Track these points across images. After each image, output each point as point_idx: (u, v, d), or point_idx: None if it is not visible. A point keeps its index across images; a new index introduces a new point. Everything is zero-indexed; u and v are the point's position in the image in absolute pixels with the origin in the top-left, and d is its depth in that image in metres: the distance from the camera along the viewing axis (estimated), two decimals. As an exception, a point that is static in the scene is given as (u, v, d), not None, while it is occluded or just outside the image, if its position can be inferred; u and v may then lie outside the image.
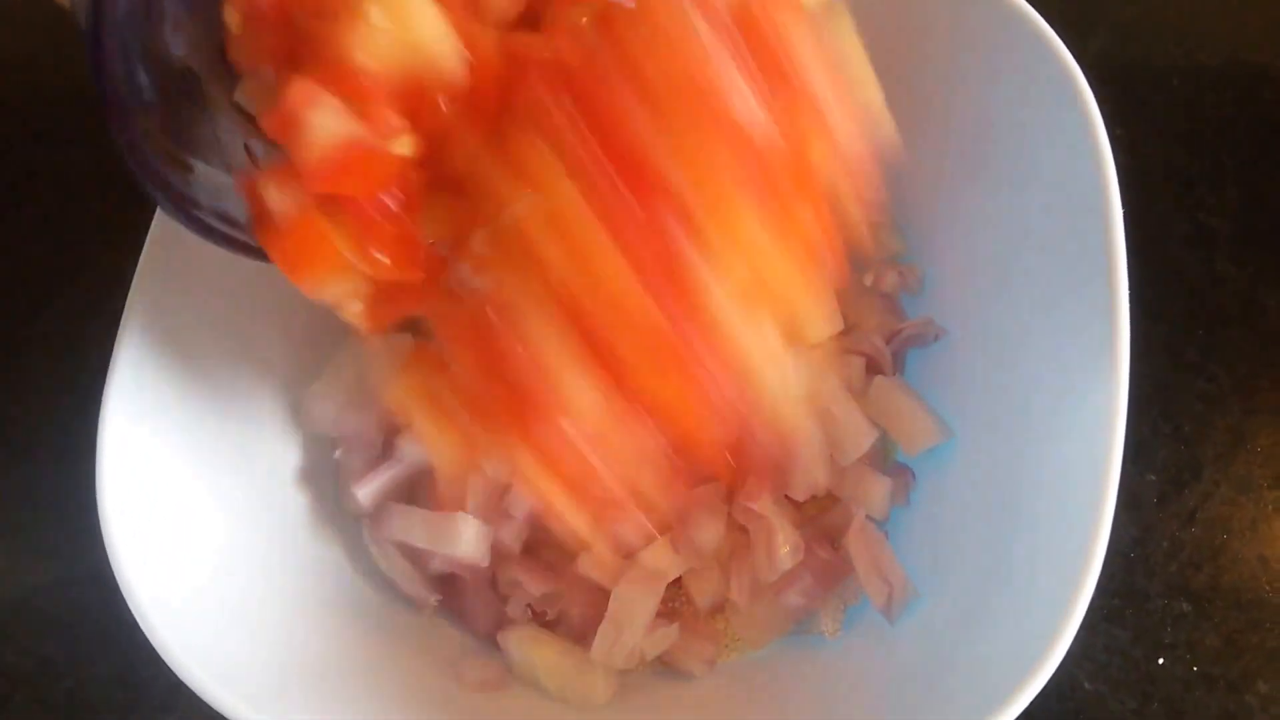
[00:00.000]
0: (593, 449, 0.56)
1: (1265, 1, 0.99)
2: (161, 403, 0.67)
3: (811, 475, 0.73)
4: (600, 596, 0.73)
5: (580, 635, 0.74)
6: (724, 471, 0.67)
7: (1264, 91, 0.96)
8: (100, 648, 0.81)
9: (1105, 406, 0.60)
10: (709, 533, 0.73)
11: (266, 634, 0.67)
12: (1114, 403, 0.60)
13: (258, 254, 0.59)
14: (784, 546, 0.72)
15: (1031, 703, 0.56)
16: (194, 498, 0.68)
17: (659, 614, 0.73)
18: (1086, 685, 0.78)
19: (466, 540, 0.72)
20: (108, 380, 0.64)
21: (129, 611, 0.60)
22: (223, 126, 0.59)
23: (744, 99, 0.51)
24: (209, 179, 0.58)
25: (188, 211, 0.57)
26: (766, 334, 0.56)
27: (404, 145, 0.53)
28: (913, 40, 0.76)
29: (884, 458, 0.78)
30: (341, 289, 0.56)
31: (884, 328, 0.79)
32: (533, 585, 0.74)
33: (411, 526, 0.74)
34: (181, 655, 0.59)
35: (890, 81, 0.78)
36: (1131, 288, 0.63)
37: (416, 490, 0.77)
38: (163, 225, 0.67)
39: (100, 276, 0.68)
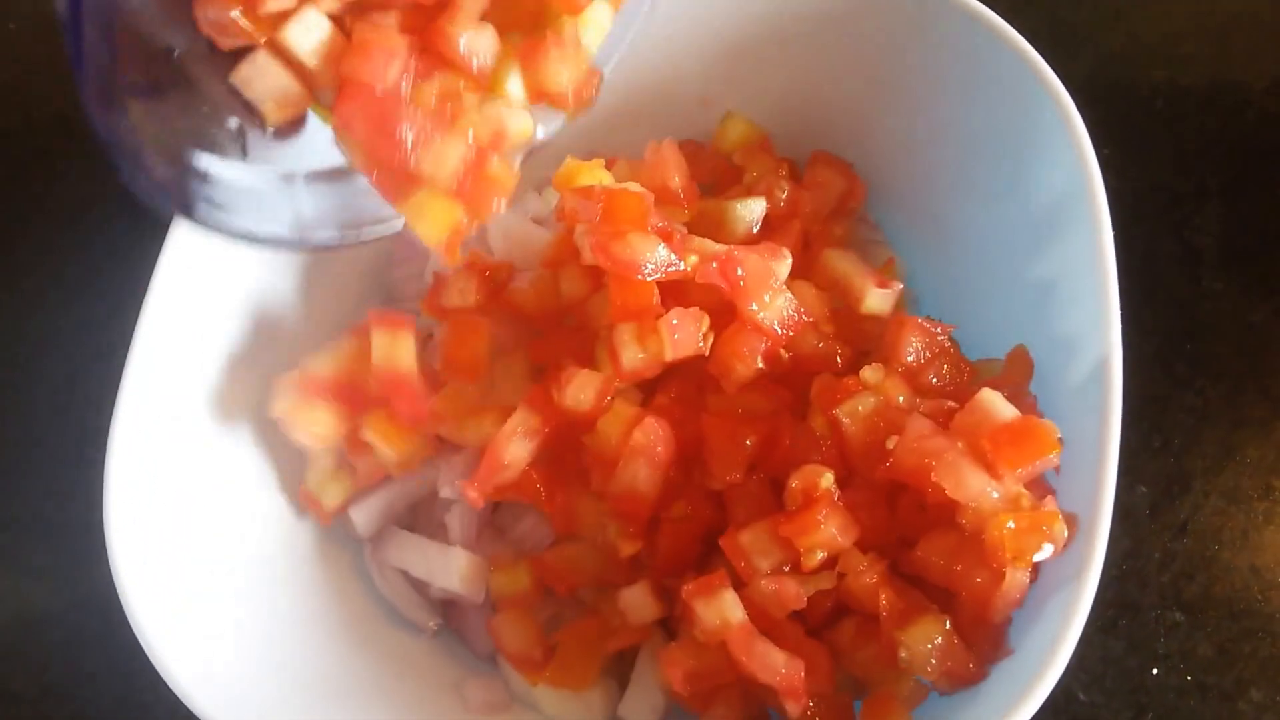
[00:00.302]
0: None
1: (1246, 26, 1.01)
2: (167, 427, 0.67)
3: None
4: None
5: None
6: None
7: (1246, 113, 0.98)
8: (103, 672, 0.82)
9: (1100, 421, 0.62)
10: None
11: (269, 656, 0.67)
12: (1108, 418, 0.61)
13: (248, 238, 0.60)
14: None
15: (1028, 715, 0.57)
16: (198, 521, 0.68)
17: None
18: (1082, 696, 0.79)
19: (460, 575, 0.72)
20: (115, 408, 0.64)
21: (132, 636, 0.61)
22: (209, 106, 0.59)
23: None
24: (199, 165, 0.59)
25: (180, 201, 0.58)
26: None
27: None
28: (908, 65, 0.78)
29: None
30: None
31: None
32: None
33: (409, 555, 0.75)
34: (184, 680, 0.60)
35: (886, 105, 0.80)
36: (1120, 304, 0.64)
37: (417, 514, 0.78)
38: (172, 256, 0.68)
39: (105, 298, 0.69)
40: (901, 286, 0.76)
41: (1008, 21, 0.72)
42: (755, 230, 0.77)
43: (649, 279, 0.66)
